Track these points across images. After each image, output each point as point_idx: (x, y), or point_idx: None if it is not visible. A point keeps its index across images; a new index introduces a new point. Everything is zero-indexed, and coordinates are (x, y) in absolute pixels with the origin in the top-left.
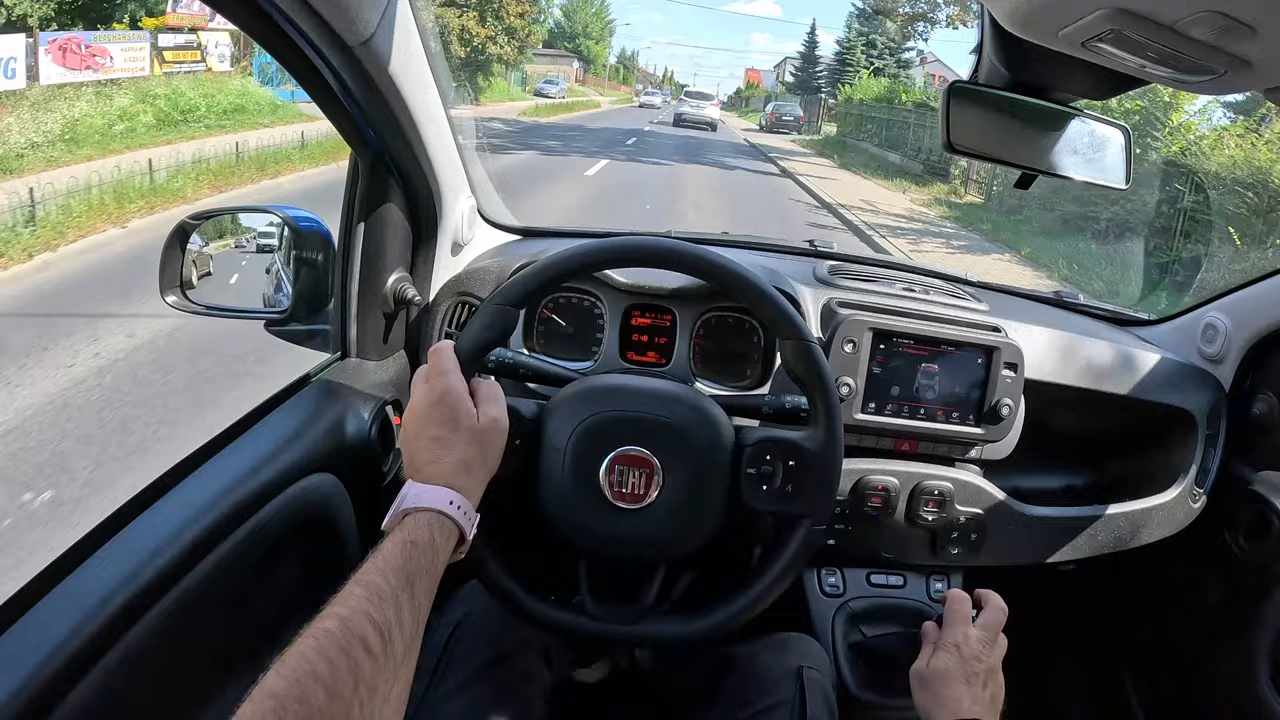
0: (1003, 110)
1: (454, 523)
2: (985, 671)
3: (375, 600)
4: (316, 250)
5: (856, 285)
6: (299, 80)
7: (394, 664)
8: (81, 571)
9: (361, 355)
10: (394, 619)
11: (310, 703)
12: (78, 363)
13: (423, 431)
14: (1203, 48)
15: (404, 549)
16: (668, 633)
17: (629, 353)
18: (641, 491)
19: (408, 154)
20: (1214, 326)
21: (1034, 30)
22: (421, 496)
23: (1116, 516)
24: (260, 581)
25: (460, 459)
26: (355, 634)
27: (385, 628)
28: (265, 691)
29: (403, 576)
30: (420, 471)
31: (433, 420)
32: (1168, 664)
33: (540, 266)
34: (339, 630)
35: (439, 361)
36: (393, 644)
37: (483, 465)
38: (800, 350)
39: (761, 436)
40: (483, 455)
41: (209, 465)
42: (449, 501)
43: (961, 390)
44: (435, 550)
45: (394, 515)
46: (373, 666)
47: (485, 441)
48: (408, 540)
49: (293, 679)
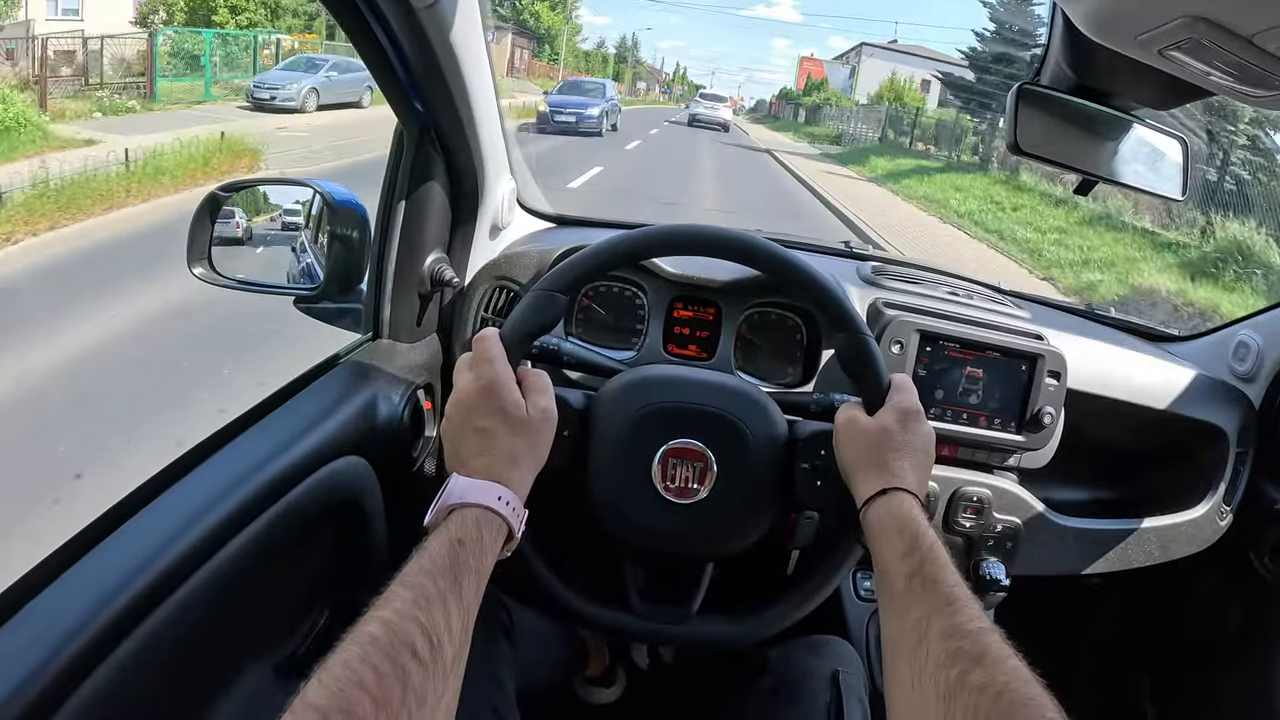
0: (1066, 114)
1: (503, 519)
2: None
3: (423, 603)
4: (351, 227)
5: (902, 287)
6: (354, 42)
7: (443, 671)
8: (100, 550)
9: (394, 337)
10: (443, 623)
11: (355, 714)
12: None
13: (468, 422)
14: (1275, 61)
15: (451, 548)
16: (716, 634)
17: (670, 345)
18: (695, 486)
19: (455, 129)
20: (1246, 345)
21: (1110, 34)
22: (468, 491)
23: (1146, 531)
24: (288, 565)
25: (508, 451)
26: (402, 640)
27: (434, 633)
28: (306, 703)
29: (450, 577)
30: (466, 464)
31: (479, 410)
32: (1186, 685)
33: (592, 252)
34: (385, 636)
35: (485, 349)
36: (441, 650)
37: (531, 458)
38: (856, 342)
39: (815, 430)
40: (531, 448)
41: (235, 445)
42: (497, 497)
43: (1004, 396)
44: (484, 549)
45: (438, 510)
46: (421, 674)
47: (534, 433)
48: (455, 539)
49: (336, 689)
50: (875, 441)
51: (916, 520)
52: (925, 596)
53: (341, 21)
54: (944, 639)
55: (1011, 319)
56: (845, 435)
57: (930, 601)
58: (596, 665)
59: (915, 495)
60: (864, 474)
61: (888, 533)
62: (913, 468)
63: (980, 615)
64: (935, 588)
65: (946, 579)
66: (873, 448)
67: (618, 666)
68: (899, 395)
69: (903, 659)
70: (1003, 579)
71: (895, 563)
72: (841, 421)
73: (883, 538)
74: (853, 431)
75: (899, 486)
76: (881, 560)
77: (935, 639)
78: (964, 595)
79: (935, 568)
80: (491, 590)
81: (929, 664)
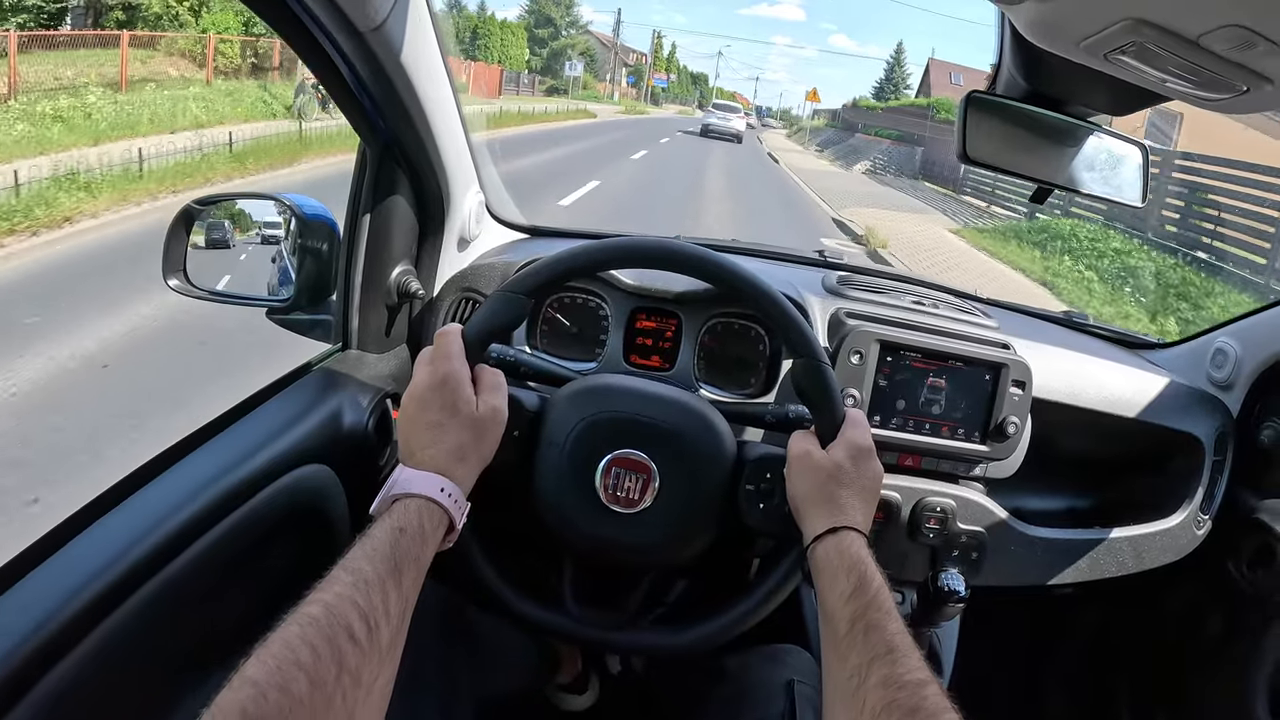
0: (1020, 123)
1: (444, 511)
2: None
3: (362, 587)
4: (321, 240)
5: (865, 296)
6: (309, 65)
7: (379, 654)
8: (62, 555)
9: (362, 347)
10: (380, 607)
11: (291, 691)
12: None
13: (420, 415)
14: (1225, 63)
15: (393, 536)
16: (650, 643)
17: (632, 355)
18: (637, 497)
19: (417, 145)
20: (1224, 352)
21: (1055, 40)
22: (412, 482)
23: (1119, 540)
24: (247, 572)
25: (455, 445)
26: (340, 621)
27: (371, 616)
28: (245, 678)
29: (390, 564)
30: (414, 456)
31: (432, 405)
32: (1164, 693)
33: (555, 258)
34: (324, 617)
35: (445, 345)
36: (378, 633)
37: (477, 454)
38: (812, 369)
39: (763, 453)
40: (478, 444)
41: (200, 451)
42: (440, 489)
43: (968, 406)
44: (424, 538)
45: (383, 500)
46: (357, 656)
47: (482, 430)
48: (396, 527)
49: (274, 665)
50: (828, 477)
51: (865, 562)
52: (867, 642)
53: (293, 45)
54: (882, 687)
55: (977, 328)
56: (798, 467)
57: (871, 648)
58: (569, 672)
59: (863, 534)
60: (815, 509)
61: (835, 572)
62: (861, 505)
63: (920, 666)
64: (878, 634)
65: (889, 626)
66: (825, 483)
67: (591, 673)
68: (853, 431)
69: (840, 703)
70: (961, 590)
71: (840, 605)
72: (795, 453)
73: (830, 576)
74: (807, 464)
75: (848, 525)
76: (826, 600)
77: (873, 687)
78: (905, 644)
79: (879, 614)
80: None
81: (865, 712)
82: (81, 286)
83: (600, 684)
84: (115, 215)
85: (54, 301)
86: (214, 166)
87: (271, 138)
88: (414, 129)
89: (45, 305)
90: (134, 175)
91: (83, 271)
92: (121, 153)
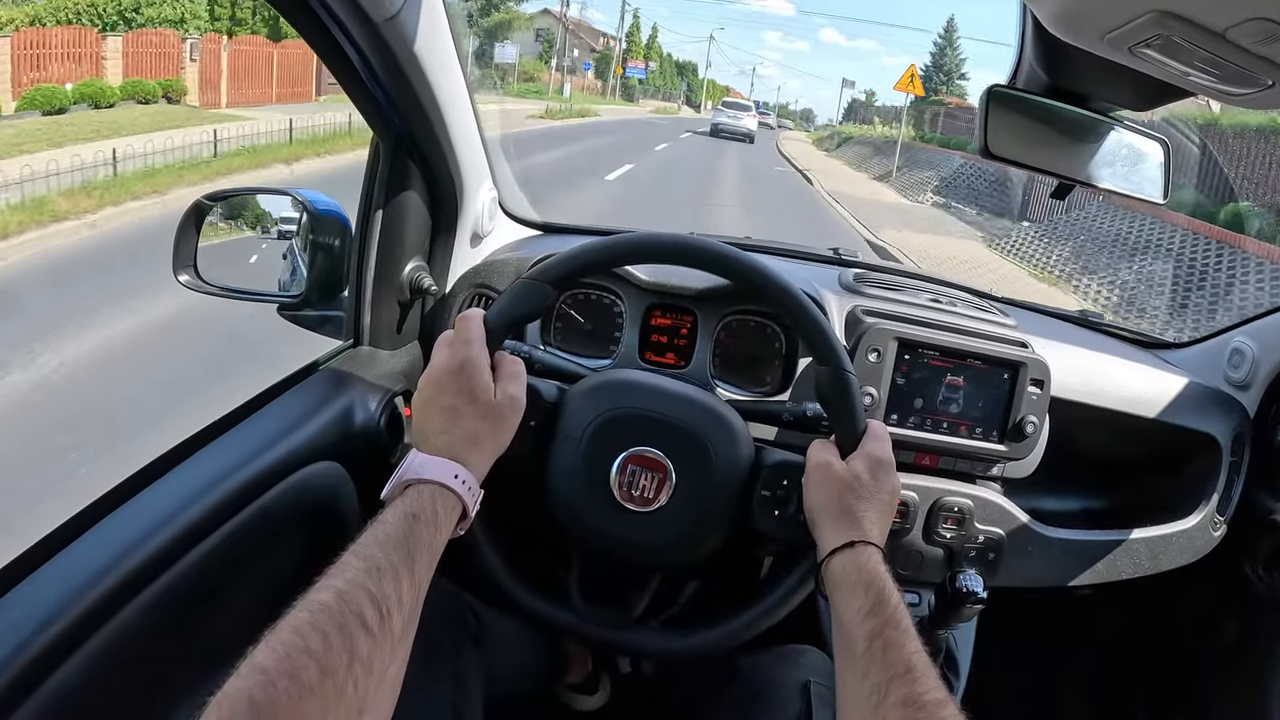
0: (1041, 117)
1: (458, 497)
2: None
3: (374, 574)
4: (333, 235)
5: (882, 294)
6: (322, 57)
7: (391, 642)
8: (71, 550)
9: (374, 344)
10: (393, 595)
11: (301, 679)
12: None
13: (436, 399)
14: (1251, 57)
15: (405, 522)
16: (655, 646)
17: (647, 353)
18: (651, 495)
19: (430, 139)
20: (1241, 351)
21: (1078, 33)
22: (426, 467)
23: (1136, 542)
24: (257, 570)
25: (470, 432)
26: (352, 609)
27: (383, 603)
28: (254, 665)
29: (404, 550)
30: (428, 441)
31: (448, 389)
32: (1180, 695)
33: (582, 250)
34: (335, 603)
35: (465, 329)
36: (390, 621)
37: (492, 442)
38: (836, 378)
39: (781, 460)
40: (494, 432)
41: (210, 448)
42: (454, 475)
43: (986, 405)
44: (438, 525)
45: (395, 484)
46: (369, 644)
47: (499, 419)
48: (410, 513)
49: (283, 653)
50: (846, 489)
51: (882, 578)
52: (885, 661)
53: (307, 36)
54: (901, 707)
55: (995, 326)
56: (816, 477)
57: (890, 667)
58: (580, 672)
59: (880, 548)
60: (832, 521)
61: (853, 587)
62: (878, 520)
63: (937, 685)
64: (896, 653)
65: (907, 645)
66: (843, 495)
67: (601, 673)
68: (873, 444)
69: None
70: (980, 591)
71: (858, 621)
72: (815, 463)
73: (847, 591)
74: (826, 475)
75: (866, 540)
76: (843, 615)
77: (892, 706)
78: (923, 663)
79: (897, 632)
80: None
81: None
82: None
83: (611, 684)
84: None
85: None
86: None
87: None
88: (427, 122)
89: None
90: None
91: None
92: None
